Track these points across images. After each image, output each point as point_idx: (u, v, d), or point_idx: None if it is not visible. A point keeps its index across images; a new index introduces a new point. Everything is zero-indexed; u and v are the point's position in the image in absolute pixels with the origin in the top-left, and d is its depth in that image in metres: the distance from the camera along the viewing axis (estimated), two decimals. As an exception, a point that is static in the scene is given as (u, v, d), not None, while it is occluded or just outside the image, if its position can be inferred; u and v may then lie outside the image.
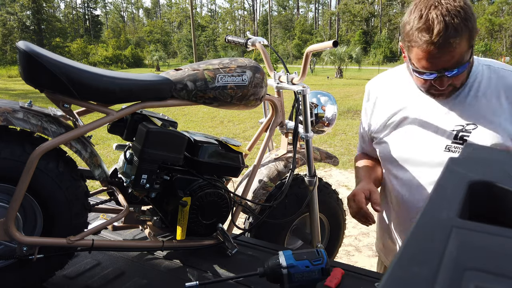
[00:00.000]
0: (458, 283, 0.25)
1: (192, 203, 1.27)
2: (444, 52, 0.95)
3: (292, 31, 64.20)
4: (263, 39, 1.67)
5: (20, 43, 1.05)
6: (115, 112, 1.18)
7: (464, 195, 0.38)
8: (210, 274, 1.26)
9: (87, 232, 1.16)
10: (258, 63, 1.38)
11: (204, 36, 64.48)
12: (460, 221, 0.33)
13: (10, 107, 1.04)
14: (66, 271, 1.24)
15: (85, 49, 43.02)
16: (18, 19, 42.00)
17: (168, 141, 1.21)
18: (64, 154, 1.15)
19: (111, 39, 53.83)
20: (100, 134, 6.73)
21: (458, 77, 1.02)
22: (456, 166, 0.45)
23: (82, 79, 1.08)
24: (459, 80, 1.04)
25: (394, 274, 0.26)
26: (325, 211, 1.73)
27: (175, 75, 1.24)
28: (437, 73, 0.99)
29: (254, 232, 1.63)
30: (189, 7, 33.28)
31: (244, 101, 1.32)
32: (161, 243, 1.29)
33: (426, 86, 1.06)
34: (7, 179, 1.05)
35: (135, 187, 1.21)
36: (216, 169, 1.36)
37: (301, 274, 1.07)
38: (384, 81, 1.28)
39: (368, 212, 1.16)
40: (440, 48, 0.94)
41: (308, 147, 1.52)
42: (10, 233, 1.05)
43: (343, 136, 7.24)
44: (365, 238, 3.42)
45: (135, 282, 1.20)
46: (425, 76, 1.01)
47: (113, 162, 5.26)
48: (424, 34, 0.94)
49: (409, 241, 0.30)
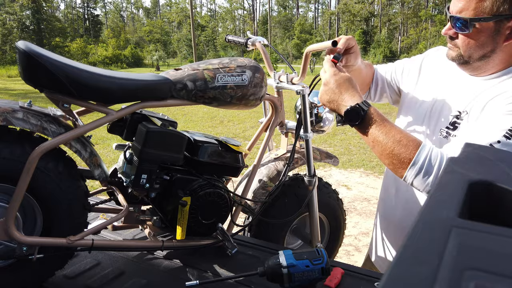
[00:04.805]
0: (458, 283, 0.25)
1: (192, 203, 1.27)
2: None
3: (291, 31, 64.19)
4: (263, 39, 1.67)
5: (20, 43, 1.05)
6: (114, 112, 1.18)
7: (464, 195, 0.38)
8: (210, 274, 1.26)
9: (87, 232, 1.16)
10: (258, 63, 1.38)
11: (203, 36, 64.47)
12: (460, 221, 0.33)
13: (9, 107, 1.04)
14: (66, 271, 1.24)
15: (84, 49, 42.96)
16: (18, 19, 41.96)
17: (168, 141, 1.21)
18: (64, 154, 1.14)
19: (111, 39, 53.75)
20: (100, 134, 6.73)
21: (463, 39, 1.00)
22: (456, 166, 0.45)
23: (81, 79, 1.08)
24: (463, 43, 1.01)
25: (394, 274, 0.26)
26: (325, 211, 1.73)
27: (175, 75, 1.24)
28: (450, 16, 1.00)
29: (253, 232, 1.63)
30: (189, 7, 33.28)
31: (244, 100, 1.32)
32: (161, 243, 1.29)
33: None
34: (7, 179, 1.05)
35: (134, 187, 1.21)
36: (216, 169, 1.36)
37: (301, 273, 1.08)
38: (439, 58, 1.26)
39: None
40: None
41: (307, 147, 1.52)
42: (10, 233, 1.05)
43: (343, 136, 7.24)
44: (365, 238, 3.43)
45: (135, 282, 1.20)
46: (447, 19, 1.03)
47: (113, 162, 5.25)
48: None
49: (409, 241, 0.30)
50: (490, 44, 0.98)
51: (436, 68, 1.23)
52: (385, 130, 0.98)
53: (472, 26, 0.97)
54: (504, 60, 1.01)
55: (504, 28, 0.95)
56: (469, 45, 1.00)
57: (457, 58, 1.05)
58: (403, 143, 0.96)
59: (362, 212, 4.00)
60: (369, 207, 4.12)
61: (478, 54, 1.01)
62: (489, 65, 1.02)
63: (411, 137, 0.98)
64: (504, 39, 0.97)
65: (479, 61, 1.02)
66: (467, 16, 0.96)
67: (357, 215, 3.93)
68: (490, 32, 0.97)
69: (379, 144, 0.99)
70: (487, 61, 1.01)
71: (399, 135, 0.97)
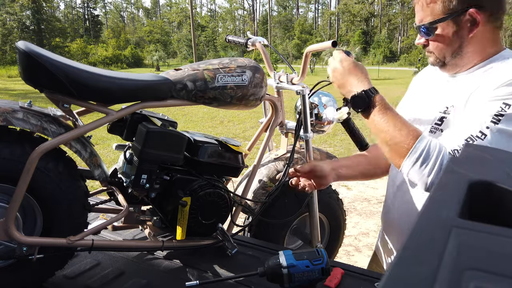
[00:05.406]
0: (458, 283, 0.25)
1: (192, 203, 1.27)
2: (416, 2, 1.04)
3: (291, 31, 64.20)
4: (263, 39, 1.67)
5: (20, 43, 1.05)
6: (114, 112, 1.18)
7: (464, 195, 0.38)
8: (210, 274, 1.26)
9: (87, 232, 1.16)
10: (258, 63, 1.38)
11: (204, 36, 64.46)
12: (460, 221, 0.33)
13: (9, 107, 1.04)
14: (66, 271, 1.24)
15: (84, 49, 42.98)
16: (18, 19, 41.96)
17: (168, 141, 1.21)
18: (64, 154, 1.14)
19: (111, 39, 53.76)
20: (100, 134, 6.73)
21: (432, 44, 1.06)
22: (456, 166, 0.45)
23: (81, 79, 1.08)
24: (434, 47, 1.06)
25: (394, 274, 0.26)
26: (325, 211, 1.73)
27: (175, 75, 1.24)
28: (416, 26, 1.08)
29: (253, 232, 1.63)
30: (189, 7, 33.29)
31: (244, 101, 1.32)
32: (161, 243, 1.29)
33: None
34: (7, 179, 1.05)
35: (135, 187, 1.21)
36: (216, 169, 1.36)
37: (301, 274, 1.07)
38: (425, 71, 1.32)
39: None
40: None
41: (307, 147, 1.52)
42: (10, 233, 1.05)
43: (343, 136, 7.24)
44: (365, 238, 3.43)
45: (135, 282, 1.20)
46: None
47: (113, 162, 5.25)
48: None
49: (409, 241, 0.30)
50: (456, 40, 1.03)
51: (423, 79, 1.28)
52: (387, 118, 1.00)
53: (433, 30, 1.03)
54: (477, 51, 1.04)
55: (463, 22, 1.00)
56: (438, 47, 1.05)
57: (436, 62, 1.09)
58: (403, 133, 0.97)
59: (362, 212, 4.00)
60: (369, 207, 4.12)
61: (449, 53, 1.05)
62: (463, 60, 1.06)
63: (411, 127, 0.99)
64: (468, 32, 1.01)
65: (454, 59, 1.06)
66: (426, 22, 1.03)
67: (357, 215, 3.93)
68: (452, 30, 1.01)
69: (380, 131, 1.01)
70: (460, 57, 1.05)
71: (400, 124, 0.99)
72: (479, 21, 0.99)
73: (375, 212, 3.95)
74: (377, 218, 3.75)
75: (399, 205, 1.25)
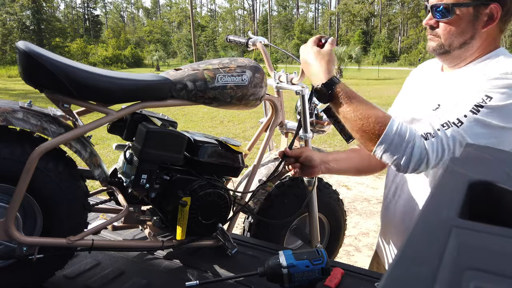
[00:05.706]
0: (458, 283, 0.25)
1: (192, 203, 1.27)
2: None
3: (291, 31, 64.20)
4: (263, 39, 1.67)
5: (20, 43, 1.05)
6: (114, 112, 1.18)
7: (464, 195, 0.38)
8: (210, 274, 1.26)
9: (87, 232, 1.16)
10: (258, 63, 1.38)
11: (204, 36, 64.47)
12: (460, 221, 0.33)
13: (9, 107, 1.04)
14: (66, 271, 1.24)
15: (84, 49, 42.97)
16: (18, 19, 41.96)
17: (168, 141, 1.21)
18: (64, 154, 1.14)
19: (111, 39, 53.74)
20: (100, 134, 6.72)
21: (444, 27, 1.03)
22: (456, 166, 0.45)
23: (81, 79, 1.08)
24: (444, 31, 1.03)
25: (394, 274, 0.26)
26: (325, 211, 1.73)
27: (175, 75, 1.24)
28: (432, 5, 1.03)
29: (253, 232, 1.63)
30: (189, 7, 33.28)
31: (244, 101, 1.31)
32: (161, 243, 1.29)
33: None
34: (7, 179, 1.05)
35: (134, 187, 1.21)
36: (216, 169, 1.36)
37: (301, 273, 1.07)
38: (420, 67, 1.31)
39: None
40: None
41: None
42: (10, 233, 1.05)
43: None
44: (365, 238, 3.43)
45: (135, 282, 1.20)
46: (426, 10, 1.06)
47: (113, 162, 5.25)
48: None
49: (409, 241, 0.30)
50: (470, 30, 1.01)
51: (416, 77, 1.28)
52: (353, 107, 0.98)
53: (453, 12, 1.00)
54: (481, 47, 1.04)
55: (482, 14, 0.99)
56: (450, 32, 1.03)
57: (438, 48, 1.07)
58: (371, 120, 0.96)
59: (362, 212, 4.00)
60: (369, 207, 4.12)
61: (458, 42, 1.03)
62: (468, 52, 1.05)
63: (380, 112, 0.98)
64: (482, 26, 1.00)
65: (459, 49, 1.04)
66: (448, 2, 1.00)
67: (357, 215, 3.93)
68: (470, 18, 1.00)
69: (349, 121, 1.00)
70: (466, 49, 1.04)
71: (367, 112, 0.97)
72: (496, 17, 0.98)
73: (375, 212, 3.95)
74: (377, 218, 3.75)
75: (398, 202, 1.25)
